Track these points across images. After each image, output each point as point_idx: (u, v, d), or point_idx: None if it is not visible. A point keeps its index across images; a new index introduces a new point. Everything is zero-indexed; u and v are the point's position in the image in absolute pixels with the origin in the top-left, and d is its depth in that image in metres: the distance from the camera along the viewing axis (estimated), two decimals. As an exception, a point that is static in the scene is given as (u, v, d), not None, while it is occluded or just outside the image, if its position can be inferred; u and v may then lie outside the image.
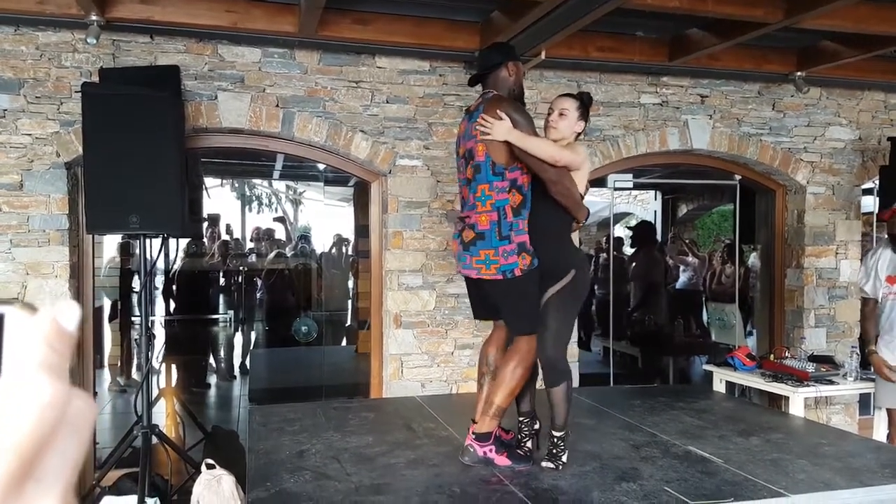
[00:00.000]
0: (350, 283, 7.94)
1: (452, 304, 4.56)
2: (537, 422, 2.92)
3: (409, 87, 4.48)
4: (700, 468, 2.73)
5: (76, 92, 3.85)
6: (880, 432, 4.24)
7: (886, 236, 4.18)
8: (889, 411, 4.09)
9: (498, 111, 2.62)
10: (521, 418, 2.92)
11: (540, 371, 2.84)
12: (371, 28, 4.05)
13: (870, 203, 5.88)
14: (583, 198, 2.76)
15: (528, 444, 2.88)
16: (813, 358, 4.57)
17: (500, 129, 2.60)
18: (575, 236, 3.05)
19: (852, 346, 4.65)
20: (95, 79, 3.89)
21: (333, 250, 8.29)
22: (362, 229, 5.44)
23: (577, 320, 4.75)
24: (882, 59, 4.76)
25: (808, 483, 2.58)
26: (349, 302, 8.03)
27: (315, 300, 7.94)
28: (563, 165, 2.64)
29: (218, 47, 4.15)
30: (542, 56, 4.14)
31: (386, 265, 4.56)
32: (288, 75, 4.27)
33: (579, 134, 2.87)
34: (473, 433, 2.75)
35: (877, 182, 5.38)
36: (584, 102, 2.85)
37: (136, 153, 3.51)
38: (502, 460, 2.73)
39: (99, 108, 3.52)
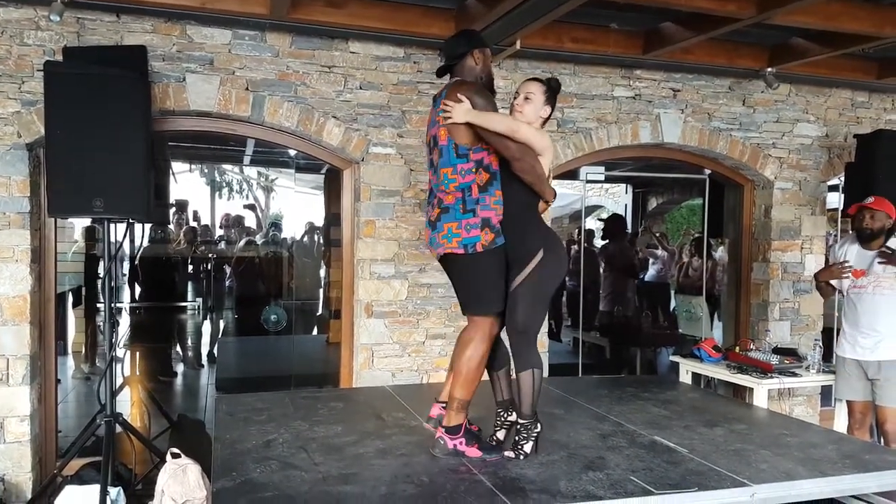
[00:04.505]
0: (322, 272, 7.88)
1: (424, 294, 4.55)
2: (513, 413, 2.91)
3: (383, 74, 4.44)
4: (665, 458, 2.76)
5: (38, 71, 3.74)
6: (840, 423, 4.34)
7: (852, 231, 4.26)
8: (849, 403, 4.18)
9: (458, 94, 2.62)
10: (497, 409, 2.92)
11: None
12: (344, 12, 3.99)
13: (835, 199, 6.00)
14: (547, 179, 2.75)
15: (499, 434, 2.87)
16: (777, 350, 4.67)
17: (460, 110, 2.60)
18: (546, 218, 3.02)
19: (815, 339, 4.74)
20: (59, 58, 3.78)
21: (305, 238, 8.22)
22: (334, 217, 5.39)
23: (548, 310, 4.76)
24: (850, 57, 4.85)
25: (771, 473, 2.62)
26: (320, 291, 7.97)
27: (285, 289, 7.87)
28: (523, 140, 2.63)
29: (186, 28, 4.06)
30: (518, 46, 4.12)
31: (358, 254, 4.52)
32: (259, 58, 4.20)
33: (546, 119, 2.84)
34: (443, 427, 2.74)
35: (842, 179, 5.49)
36: (552, 87, 2.82)
37: (101, 135, 3.43)
38: (473, 451, 2.72)
39: (62, 87, 3.43)
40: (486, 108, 2.63)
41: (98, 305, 6.31)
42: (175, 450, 3.19)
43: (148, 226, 5.59)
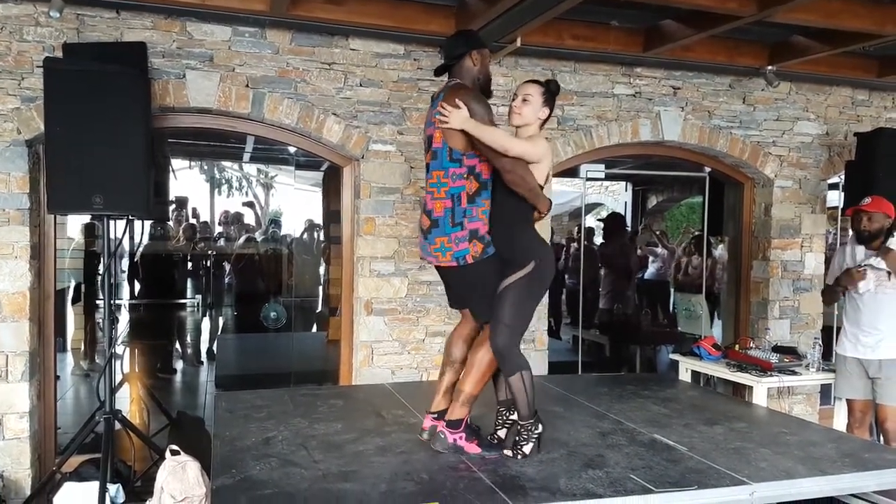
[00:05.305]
0: (321, 269, 7.88)
1: (424, 292, 4.55)
2: (515, 412, 2.91)
3: (383, 71, 4.43)
4: (665, 456, 2.76)
5: (38, 67, 3.73)
6: (840, 421, 4.34)
7: (852, 232, 4.25)
8: (849, 401, 4.19)
9: (456, 100, 2.62)
10: (498, 407, 2.92)
11: None
12: (344, 8, 3.99)
13: (835, 198, 5.99)
14: (542, 188, 2.74)
15: (501, 432, 2.87)
16: (777, 349, 4.67)
17: (457, 117, 2.60)
18: (546, 226, 3.02)
19: (815, 338, 4.74)
20: (59, 54, 3.77)
21: (305, 236, 8.22)
22: (333, 214, 5.38)
23: (547, 309, 4.77)
24: (851, 55, 4.84)
25: (770, 471, 2.62)
26: (320, 288, 7.97)
27: (285, 286, 7.87)
28: (516, 156, 2.63)
29: (186, 24, 4.05)
30: (518, 43, 4.11)
31: (358, 251, 4.52)
32: (259, 55, 4.19)
33: (545, 121, 2.83)
34: (445, 420, 2.75)
35: (842, 177, 5.49)
36: (550, 89, 2.81)
37: (101, 131, 3.41)
38: (472, 448, 2.73)
39: (62, 84, 3.41)
40: (483, 116, 2.64)
41: (97, 302, 6.31)
42: (174, 447, 3.18)
43: (147, 222, 5.60)
